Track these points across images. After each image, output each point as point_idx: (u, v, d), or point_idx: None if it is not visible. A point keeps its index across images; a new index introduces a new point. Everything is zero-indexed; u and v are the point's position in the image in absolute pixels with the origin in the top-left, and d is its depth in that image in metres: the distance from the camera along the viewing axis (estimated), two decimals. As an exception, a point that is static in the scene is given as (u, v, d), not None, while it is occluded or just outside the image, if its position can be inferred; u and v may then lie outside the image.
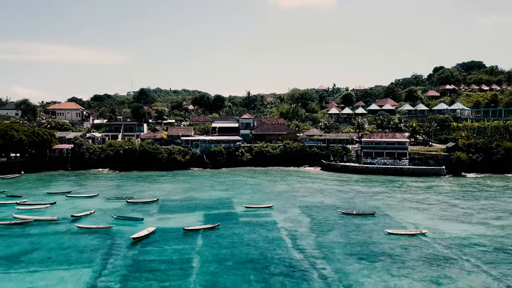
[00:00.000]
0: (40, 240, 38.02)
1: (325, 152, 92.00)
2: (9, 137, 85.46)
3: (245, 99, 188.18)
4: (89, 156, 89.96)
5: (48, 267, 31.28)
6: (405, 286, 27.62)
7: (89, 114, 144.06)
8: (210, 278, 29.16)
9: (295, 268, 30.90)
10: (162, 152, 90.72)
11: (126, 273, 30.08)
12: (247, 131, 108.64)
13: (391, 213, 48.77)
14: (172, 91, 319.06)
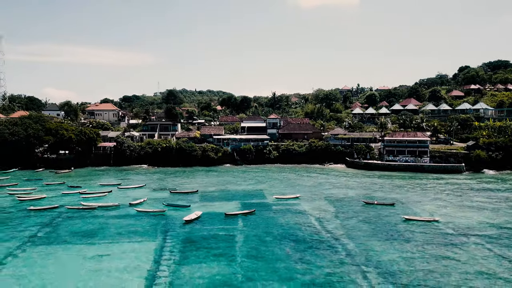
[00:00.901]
0: (107, 221, 45.42)
1: (349, 150, 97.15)
2: (60, 136, 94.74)
3: (270, 100, 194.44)
4: (130, 153, 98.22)
5: (121, 240, 38.43)
6: (416, 256, 33.21)
7: (124, 115, 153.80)
8: (252, 248, 35.52)
9: (323, 243, 36.94)
10: (197, 150, 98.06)
11: (183, 244, 36.84)
12: (274, 130, 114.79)
13: (409, 204, 53.86)
14: (197, 91, 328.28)
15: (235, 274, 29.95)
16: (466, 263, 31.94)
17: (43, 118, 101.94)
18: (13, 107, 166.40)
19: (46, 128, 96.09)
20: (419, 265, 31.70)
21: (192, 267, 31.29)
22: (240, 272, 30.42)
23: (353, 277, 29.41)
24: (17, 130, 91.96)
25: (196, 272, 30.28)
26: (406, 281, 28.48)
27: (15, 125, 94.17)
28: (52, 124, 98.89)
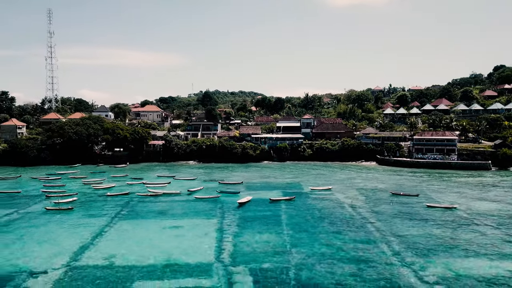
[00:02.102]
0: (172, 204, 54.89)
1: (380, 148, 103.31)
2: (116, 135, 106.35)
3: (303, 100, 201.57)
4: (177, 150, 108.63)
5: (188, 217, 47.63)
6: (435, 232, 40.34)
7: (167, 116, 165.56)
8: (295, 224, 43.63)
9: (354, 222, 44.65)
10: (237, 148, 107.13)
11: (239, 220, 45.50)
12: (307, 130, 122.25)
13: (433, 195, 60.24)
14: (230, 92, 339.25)
15: (283, 241, 38.18)
16: (474, 237, 38.68)
17: (101, 119, 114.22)
18: (66, 109, 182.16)
19: (104, 128, 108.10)
20: (433, 237, 38.79)
21: (248, 235, 39.79)
22: (287, 239, 38.64)
23: (379, 244, 36.96)
24: (80, 130, 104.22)
25: (252, 239, 38.73)
26: (422, 247, 35.71)
27: (78, 125, 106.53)
28: (109, 124, 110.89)
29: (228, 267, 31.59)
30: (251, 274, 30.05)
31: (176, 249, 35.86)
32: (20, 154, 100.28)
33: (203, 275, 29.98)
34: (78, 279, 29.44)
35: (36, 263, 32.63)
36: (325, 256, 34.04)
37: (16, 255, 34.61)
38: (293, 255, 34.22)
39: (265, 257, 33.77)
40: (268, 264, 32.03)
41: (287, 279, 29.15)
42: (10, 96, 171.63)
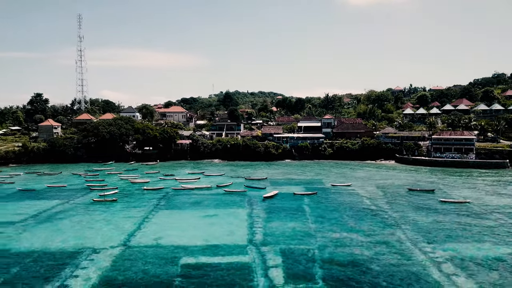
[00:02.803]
0: (205, 196, 60.20)
1: (399, 147, 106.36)
2: (146, 134, 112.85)
3: (323, 101, 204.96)
4: (203, 149, 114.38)
5: (220, 207, 52.75)
6: (445, 220, 44.22)
7: (191, 116, 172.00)
8: (317, 214, 48.13)
9: (372, 212, 48.89)
10: (260, 147, 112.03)
11: (266, 210, 50.29)
12: (328, 130, 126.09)
13: (448, 190, 63.63)
14: (249, 93, 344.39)
15: (307, 227, 42.78)
16: (482, 227, 42.37)
17: (132, 120, 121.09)
18: (95, 110, 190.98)
19: (135, 128, 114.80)
20: (444, 226, 42.67)
21: (276, 223, 44.55)
22: (311, 226, 43.24)
23: (394, 231, 41.14)
24: (113, 130, 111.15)
25: (280, 226, 43.45)
26: (434, 236, 39.68)
27: (111, 125, 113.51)
28: (139, 124, 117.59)
29: (260, 247, 36.45)
30: (280, 253, 34.79)
31: (214, 233, 41.01)
32: (58, 152, 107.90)
33: (239, 253, 34.93)
34: (133, 255, 34.83)
35: (96, 242, 38.26)
36: (344, 238, 38.54)
37: (78, 236, 40.40)
38: (317, 238, 38.84)
39: (292, 239, 38.54)
40: (295, 246, 36.74)
41: (312, 257, 33.80)
42: (44, 98, 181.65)
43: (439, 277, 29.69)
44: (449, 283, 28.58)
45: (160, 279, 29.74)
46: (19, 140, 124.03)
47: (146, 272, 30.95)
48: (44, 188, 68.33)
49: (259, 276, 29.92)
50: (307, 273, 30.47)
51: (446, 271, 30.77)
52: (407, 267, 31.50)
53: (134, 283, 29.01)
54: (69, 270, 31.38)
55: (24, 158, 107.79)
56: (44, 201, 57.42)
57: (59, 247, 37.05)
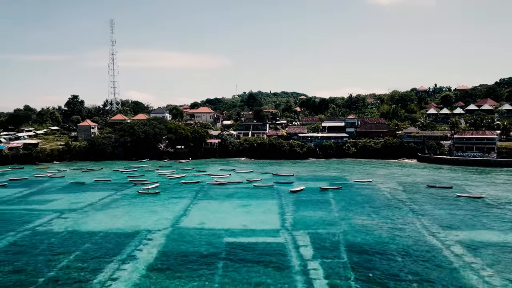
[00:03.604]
0: (237, 190, 66.03)
1: (421, 147, 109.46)
2: (179, 134, 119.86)
3: (347, 101, 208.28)
4: (231, 148, 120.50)
5: (252, 199, 58.42)
6: (459, 211, 48.48)
7: (218, 117, 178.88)
8: (342, 206, 53.09)
9: (391, 204, 53.50)
10: (285, 145, 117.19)
11: (294, 202, 55.64)
12: (352, 129, 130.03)
13: (466, 187, 67.19)
14: (272, 93, 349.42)
15: (332, 216, 47.87)
16: (493, 216, 46.39)
17: (164, 120, 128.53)
18: (126, 111, 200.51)
19: (168, 128, 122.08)
20: (458, 216, 46.92)
21: (304, 213, 49.80)
22: (336, 215, 48.32)
23: (410, 219, 45.74)
24: (147, 130, 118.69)
25: (308, 214, 48.70)
26: (447, 224, 44.07)
27: (145, 125, 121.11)
28: (172, 124, 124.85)
29: (291, 231, 41.86)
30: (309, 236, 40.07)
31: (249, 219, 46.72)
32: (98, 150, 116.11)
33: (273, 235, 40.43)
34: (183, 234, 40.87)
35: (150, 225, 44.55)
36: (366, 225, 43.45)
37: (133, 220, 46.86)
38: (341, 225, 43.91)
39: (319, 225, 43.76)
40: (322, 230, 41.96)
41: (336, 238, 38.96)
42: (80, 100, 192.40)
43: (448, 254, 34.34)
44: (457, 260, 33.17)
45: (209, 252, 35.57)
46: (60, 139, 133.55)
47: (196, 247, 36.89)
48: (92, 181, 75.81)
49: (291, 252, 35.31)
50: (332, 250, 35.66)
51: (455, 251, 35.35)
52: (420, 247, 36.23)
53: (188, 255, 34.90)
54: (133, 245, 37.64)
55: (67, 155, 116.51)
56: (95, 192, 64.58)
57: (120, 228, 43.53)
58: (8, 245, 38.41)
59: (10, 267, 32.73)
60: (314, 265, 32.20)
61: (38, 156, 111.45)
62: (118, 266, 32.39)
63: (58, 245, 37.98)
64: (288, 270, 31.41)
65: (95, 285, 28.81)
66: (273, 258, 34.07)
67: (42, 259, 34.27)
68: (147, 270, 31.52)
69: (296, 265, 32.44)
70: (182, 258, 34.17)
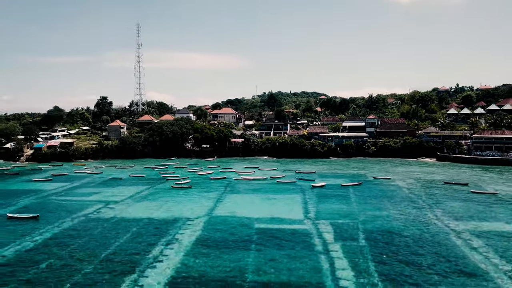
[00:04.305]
0: (262, 186, 70.85)
1: (440, 146, 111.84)
2: (204, 133, 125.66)
3: (367, 101, 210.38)
4: (254, 147, 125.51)
5: (277, 193, 63.09)
6: (472, 206, 51.98)
7: (240, 117, 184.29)
8: (361, 200, 57.18)
9: (408, 198, 57.35)
10: (306, 145, 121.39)
11: (316, 196, 60.03)
12: (372, 129, 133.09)
13: (482, 184, 70.07)
14: (292, 93, 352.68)
15: (352, 208, 52.12)
16: (504, 210, 49.68)
17: (191, 121, 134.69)
18: (152, 111, 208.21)
19: (194, 128, 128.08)
20: (470, 209, 50.45)
21: (325, 205, 54.18)
22: (355, 207, 52.56)
23: (425, 212, 49.55)
24: (175, 129, 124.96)
25: (329, 207, 53.05)
26: (458, 215, 47.71)
27: (173, 125, 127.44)
28: (198, 124, 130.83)
29: (314, 220, 46.38)
30: (331, 224, 44.48)
31: (275, 210, 51.51)
32: (128, 149, 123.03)
33: (298, 223, 45.07)
34: (217, 222, 45.91)
35: (186, 214, 49.84)
36: (383, 217, 47.57)
37: (171, 210, 52.30)
38: (360, 215, 48.17)
39: (339, 216, 48.14)
40: (342, 220, 46.32)
41: (355, 227, 43.29)
42: (109, 101, 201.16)
43: (457, 241, 38.24)
44: (464, 245, 37.04)
45: (242, 235, 40.54)
46: (92, 139, 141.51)
47: (230, 231, 41.93)
48: (128, 177, 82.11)
49: (315, 237, 39.85)
50: (351, 236, 40.04)
51: (464, 237, 39.19)
52: (432, 234, 40.21)
53: (224, 237, 39.93)
54: (175, 230, 42.96)
55: (100, 154, 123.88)
56: (132, 187, 70.56)
57: (160, 217, 48.98)
58: (68, 228, 44.29)
59: (76, 244, 38.46)
60: (334, 247, 36.68)
61: (74, 154, 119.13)
62: (166, 246, 37.64)
63: (110, 229, 43.62)
64: (312, 249, 36.03)
65: (149, 259, 34.09)
66: (298, 240, 38.76)
67: (101, 239, 39.93)
68: (191, 249, 36.64)
69: (319, 246, 37.01)
70: (219, 240, 39.22)
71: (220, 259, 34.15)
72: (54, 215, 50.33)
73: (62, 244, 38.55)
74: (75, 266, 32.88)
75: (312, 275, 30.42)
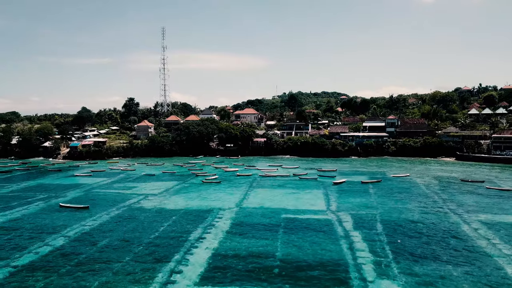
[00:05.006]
0: (285, 182, 75.54)
1: (460, 146, 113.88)
2: (228, 133, 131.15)
3: (388, 101, 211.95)
4: (276, 146, 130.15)
5: (299, 189, 67.66)
6: (485, 200, 55.31)
7: (262, 117, 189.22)
8: (380, 195, 61.16)
9: (424, 193, 61.00)
10: (327, 144, 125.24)
11: (337, 192, 64.28)
12: (392, 129, 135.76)
13: (498, 182, 72.77)
14: (312, 93, 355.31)
15: (371, 202, 56.22)
16: (516, 205, 53.02)
17: (216, 121, 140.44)
18: (177, 112, 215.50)
19: (219, 128, 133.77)
20: (483, 203, 53.82)
21: (346, 199, 58.44)
22: (374, 201, 56.65)
23: (440, 205, 53.25)
24: (201, 129, 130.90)
25: (349, 201, 57.28)
26: (471, 208, 51.24)
27: (199, 125, 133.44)
28: (222, 124, 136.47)
29: (336, 212, 50.79)
30: (350, 215, 48.83)
31: (299, 202, 56.19)
32: (157, 148, 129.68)
33: (321, 214, 49.59)
34: (247, 211, 50.91)
35: (219, 205, 55.05)
36: (400, 209, 51.59)
37: (204, 202, 57.64)
38: (378, 208, 52.31)
39: (359, 209, 52.38)
40: (362, 212, 50.56)
41: (373, 218, 47.51)
42: (136, 102, 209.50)
43: (467, 229, 42.05)
44: (474, 233, 40.82)
45: (270, 222, 45.39)
46: (121, 138, 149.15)
47: (260, 219, 46.84)
48: (160, 173, 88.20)
49: (337, 225, 44.31)
50: (369, 225, 44.35)
51: (474, 226, 42.94)
52: (445, 224, 44.08)
53: (254, 224, 44.86)
54: (210, 218, 48.18)
55: (130, 152, 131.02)
56: (165, 182, 76.41)
57: (196, 207, 54.36)
58: (116, 216, 50.10)
59: (126, 228, 44.14)
60: (354, 233, 41.07)
61: (106, 153, 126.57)
62: (203, 230, 42.83)
63: (152, 217, 49.18)
64: (334, 235, 40.59)
65: (191, 240, 39.31)
66: (321, 227, 43.35)
67: (146, 225, 45.51)
68: (226, 233, 41.71)
69: (340, 232, 41.53)
70: (250, 226, 44.18)
71: (253, 239, 39.15)
72: (101, 205, 56.38)
73: (114, 229, 44.27)
74: (129, 245, 38.38)
75: (334, 254, 35.02)
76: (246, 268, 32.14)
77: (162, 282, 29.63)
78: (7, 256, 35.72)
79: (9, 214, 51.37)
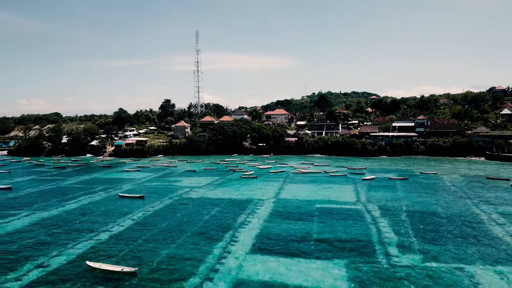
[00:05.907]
0: (317, 178, 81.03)
1: (489, 145, 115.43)
2: (261, 133, 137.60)
3: (418, 102, 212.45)
4: (307, 145, 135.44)
5: (330, 184, 73.01)
6: (507, 195, 58.97)
7: (292, 117, 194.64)
8: (407, 190, 65.70)
9: (450, 189, 65.09)
10: (357, 144, 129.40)
11: (366, 187, 69.26)
12: (421, 129, 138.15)
13: (525, 179, 75.61)
14: (342, 93, 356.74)
15: (398, 196, 61.00)
16: (537, 200, 56.49)
17: (249, 121, 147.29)
18: (210, 113, 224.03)
19: (252, 128, 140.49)
20: (505, 198, 57.52)
21: (374, 193, 63.41)
22: (401, 195, 61.39)
23: (463, 199, 57.45)
24: (235, 129, 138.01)
25: (377, 195, 62.23)
26: (492, 201, 55.17)
27: (233, 125, 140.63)
28: (255, 124, 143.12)
29: (365, 203, 56.05)
30: (378, 206, 53.98)
31: (331, 195, 61.76)
32: (194, 147, 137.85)
33: (350, 205, 55.03)
34: (284, 202, 56.96)
35: (258, 196, 61.42)
36: (424, 202, 56.24)
37: (244, 194, 64.16)
38: (404, 201, 57.15)
39: (386, 200, 57.41)
40: (389, 204, 55.58)
41: (399, 208, 52.52)
42: (172, 103, 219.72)
43: (485, 219, 46.46)
44: (492, 222, 45.21)
45: (305, 211, 51.30)
46: (160, 137, 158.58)
47: (296, 209, 52.83)
48: (201, 169, 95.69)
49: (366, 214, 49.69)
50: (395, 214, 49.44)
51: (492, 217, 47.24)
52: (465, 214, 48.58)
53: (291, 212, 50.89)
54: (252, 207, 54.60)
55: (169, 150, 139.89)
56: (207, 177, 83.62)
57: (237, 198, 60.95)
58: (169, 204, 57.38)
59: (180, 214, 51.25)
60: (381, 220, 46.38)
61: (148, 151, 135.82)
62: (247, 217, 49.25)
63: (201, 205, 56.12)
64: (363, 220, 46.08)
65: (237, 224, 45.81)
66: (352, 215, 48.91)
67: (197, 211, 52.45)
68: (267, 218, 47.98)
69: (369, 219, 46.96)
70: (287, 214, 50.27)
71: (291, 224, 45.22)
72: (154, 195, 64.00)
73: (169, 214, 51.46)
74: (185, 226, 45.31)
75: (362, 235, 40.61)
76: (286, 245, 38.23)
77: (217, 255, 36.15)
78: (92, 229, 43.37)
79: (79, 202, 59.70)
